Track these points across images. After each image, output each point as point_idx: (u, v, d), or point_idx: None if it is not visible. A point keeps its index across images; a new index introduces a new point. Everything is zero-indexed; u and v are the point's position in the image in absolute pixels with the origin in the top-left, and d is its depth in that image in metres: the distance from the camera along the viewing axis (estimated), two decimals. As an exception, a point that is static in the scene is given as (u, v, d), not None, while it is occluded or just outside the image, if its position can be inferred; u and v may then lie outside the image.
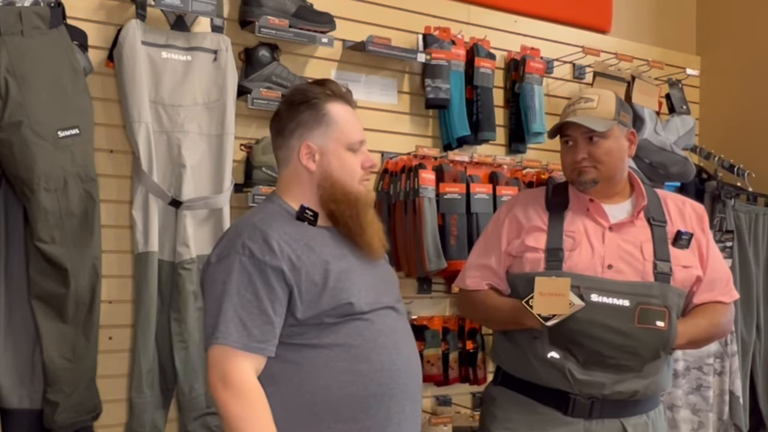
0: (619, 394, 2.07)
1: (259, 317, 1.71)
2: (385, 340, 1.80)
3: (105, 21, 2.51)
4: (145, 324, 2.44)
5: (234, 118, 2.58)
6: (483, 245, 2.30)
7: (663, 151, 3.34)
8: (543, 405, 2.12)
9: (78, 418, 2.31)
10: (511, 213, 2.25)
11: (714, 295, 2.19)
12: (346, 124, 1.86)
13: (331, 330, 1.76)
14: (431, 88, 3.01)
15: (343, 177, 1.85)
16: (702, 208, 2.29)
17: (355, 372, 1.75)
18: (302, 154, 1.84)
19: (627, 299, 2.03)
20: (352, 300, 1.77)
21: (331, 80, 1.95)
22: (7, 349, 2.28)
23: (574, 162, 2.16)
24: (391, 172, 2.97)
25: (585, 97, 2.19)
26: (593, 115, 2.14)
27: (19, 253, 2.29)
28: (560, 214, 2.19)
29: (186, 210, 2.48)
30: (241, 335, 1.70)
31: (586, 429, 2.09)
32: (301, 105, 1.86)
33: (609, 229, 2.15)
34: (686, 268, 2.15)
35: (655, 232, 2.16)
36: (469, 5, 3.29)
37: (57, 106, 2.23)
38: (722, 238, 3.49)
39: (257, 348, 1.71)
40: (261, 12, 2.65)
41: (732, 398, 3.40)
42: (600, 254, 2.11)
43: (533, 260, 2.14)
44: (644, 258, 2.11)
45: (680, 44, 4.03)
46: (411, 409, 1.83)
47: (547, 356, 2.07)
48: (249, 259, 1.73)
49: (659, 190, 2.31)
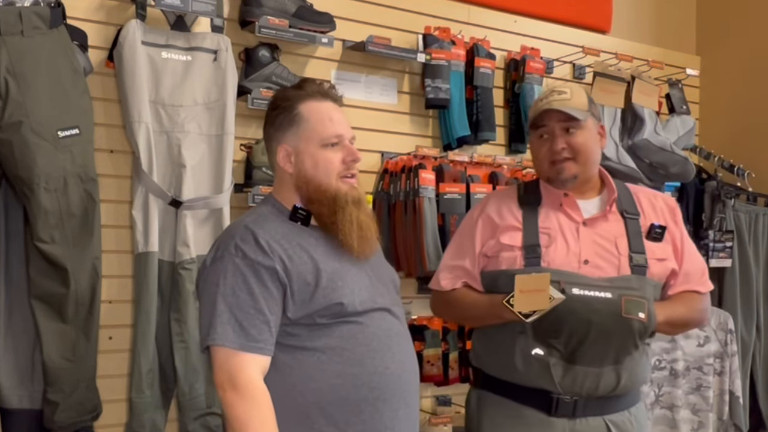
0: (602, 388, 2.08)
1: (255, 317, 1.72)
2: (379, 344, 1.80)
3: (105, 21, 2.51)
4: (145, 324, 2.44)
5: (234, 118, 2.58)
6: (456, 247, 2.29)
7: (663, 151, 3.34)
8: (526, 407, 2.11)
9: (78, 418, 2.31)
10: (484, 213, 2.25)
11: (690, 286, 2.21)
12: (318, 121, 1.85)
13: (323, 332, 1.77)
14: (431, 88, 3.01)
15: (317, 176, 1.84)
16: (674, 201, 2.31)
17: (347, 375, 1.75)
18: (280, 157, 1.87)
19: (609, 292, 2.04)
20: (343, 300, 1.77)
21: (311, 79, 1.96)
22: (7, 349, 2.28)
23: (552, 153, 2.16)
24: (391, 172, 2.97)
25: (558, 89, 2.20)
26: (568, 104, 2.16)
27: (19, 253, 2.29)
28: (534, 210, 2.19)
29: (186, 210, 2.48)
30: (238, 335, 1.71)
31: (570, 429, 2.09)
32: (276, 109, 1.90)
33: (583, 224, 2.16)
34: (661, 260, 2.16)
35: (629, 225, 2.17)
36: (469, 5, 3.29)
37: (57, 106, 2.22)
38: (722, 238, 3.49)
39: (255, 347, 1.72)
40: (261, 12, 2.66)
41: (732, 398, 3.40)
42: (575, 250, 2.12)
43: (509, 259, 2.14)
44: (619, 253, 2.12)
45: (680, 44, 4.03)
46: (405, 414, 1.83)
47: (531, 353, 2.07)
48: (242, 260, 1.74)
49: (630, 185, 2.33)
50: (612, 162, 3.29)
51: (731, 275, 3.55)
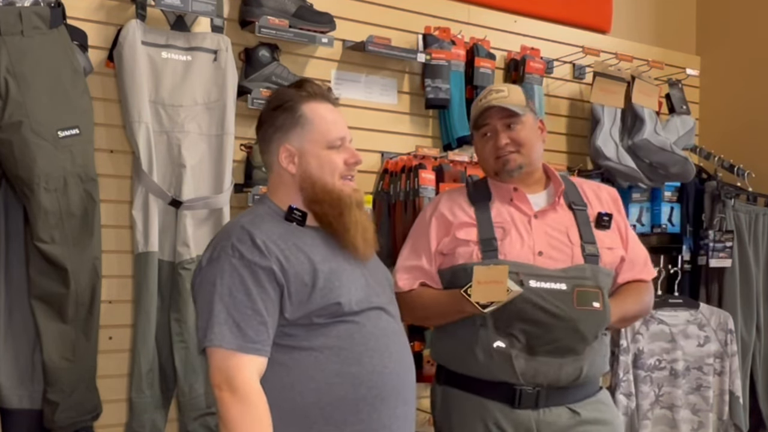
0: (564, 379, 2.12)
1: (253, 317, 1.72)
2: (376, 343, 1.81)
3: (105, 21, 2.51)
4: (145, 324, 2.44)
5: (234, 118, 2.58)
6: (411, 247, 2.32)
7: (663, 151, 3.34)
8: (490, 400, 2.14)
9: (78, 418, 2.31)
10: (437, 212, 2.29)
11: (634, 273, 2.29)
12: (322, 122, 1.87)
13: (321, 332, 1.77)
14: (431, 88, 3.01)
15: (322, 176, 1.85)
16: (615, 191, 2.39)
17: (345, 375, 1.76)
18: (282, 158, 1.87)
19: (563, 283, 2.09)
20: (340, 300, 1.78)
21: (309, 80, 1.97)
22: (7, 349, 2.28)
23: (497, 149, 2.24)
24: (391, 172, 2.96)
25: (495, 89, 2.29)
26: (507, 102, 2.23)
27: (19, 253, 2.29)
28: (485, 206, 2.25)
29: (186, 210, 2.48)
30: (236, 336, 1.70)
31: (535, 420, 2.12)
32: (277, 109, 1.89)
33: (534, 216, 2.22)
34: (611, 249, 2.23)
35: (578, 216, 2.24)
36: (469, 5, 3.29)
37: (57, 106, 2.22)
38: (722, 238, 3.49)
39: (252, 348, 1.71)
40: (261, 12, 2.65)
41: (732, 398, 3.40)
42: (529, 242, 2.17)
43: (465, 254, 2.18)
44: (571, 242, 2.18)
45: (680, 44, 4.03)
46: (403, 412, 1.84)
47: (493, 345, 2.10)
48: (239, 261, 1.74)
49: (573, 177, 2.43)
50: (612, 162, 3.29)
51: (731, 275, 3.54)
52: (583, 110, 3.54)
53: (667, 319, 3.35)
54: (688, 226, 3.59)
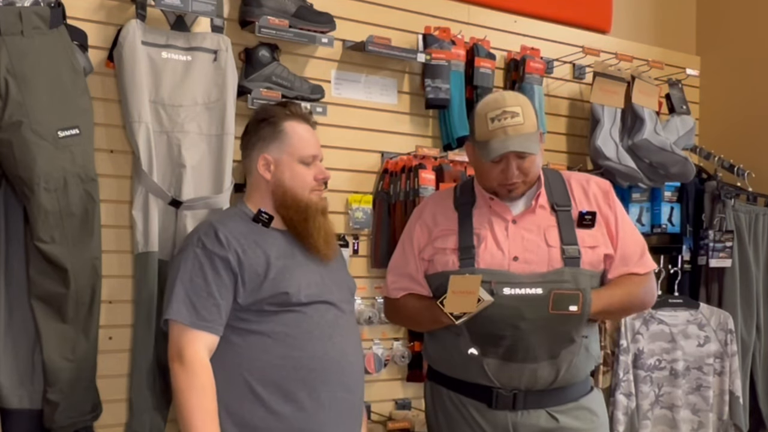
0: (540, 382, 2.12)
1: (207, 299, 1.97)
2: (321, 332, 2.03)
3: (105, 21, 2.51)
4: (145, 324, 2.44)
5: (234, 118, 2.58)
6: (401, 251, 2.35)
7: (663, 151, 3.34)
8: (470, 399, 2.19)
9: (78, 418, 2.31)
10: (421, 218, 2.31)
11: (628, 268, 2.21)
12: (300, 140, 2.12)
13: (270, 318, 2.01)
14: (431, 88, 3.01)
15: (293, 186, 2.10)
16: (607, 183, 2.30)
17: (288, 357, 1.99)
18: (260, 165, 2.12)
19: (539, 287, 2.07)
20: (289, 290, 2.00)
21: (294, 102, 2.30)
22: (7, 349, 2.28)
23: (505, 178, 2.15)
24: (391, 172, 2.97)
25: (509, 111, 2.11)
26: (524, 132, 2.11)
27: (19, 253, 2.29)
28: (468, 212, 2.24)
29: (186, 210, 2.48)
30: (190, 314, 1.96)
31: (512, 421, 2.14)
32: (263, 122, 2.14)
33: (512, 222, 2.20)
34: (593, 248, 2.17)
35: (560, 217, 2.19)
36: (469, 5, 3.29)
37: (57, 106, 2.22)
38: (722, 238, 3.49)
39: (204, 326, 1.96)
40: (261, 12, 2.66)
41: (732, 398, 3.40)
42: (505, 248, 2.15)
43: (443, 262, 2.20)
44: (549, 245, 2.15)
45: (680, 44, 4.03)
46: (344, 397, 2.05)
47: (467, 352, 2.13)
48: (202, 251, 2.00)
49: (564, 172, 2.35)
50: (612, 162, 3.29)
51: (731, 275, 3.55)
52: (583, 110, 3.54)
53: (667, 319, 3.35)
54: (688, 226, 3.59)
